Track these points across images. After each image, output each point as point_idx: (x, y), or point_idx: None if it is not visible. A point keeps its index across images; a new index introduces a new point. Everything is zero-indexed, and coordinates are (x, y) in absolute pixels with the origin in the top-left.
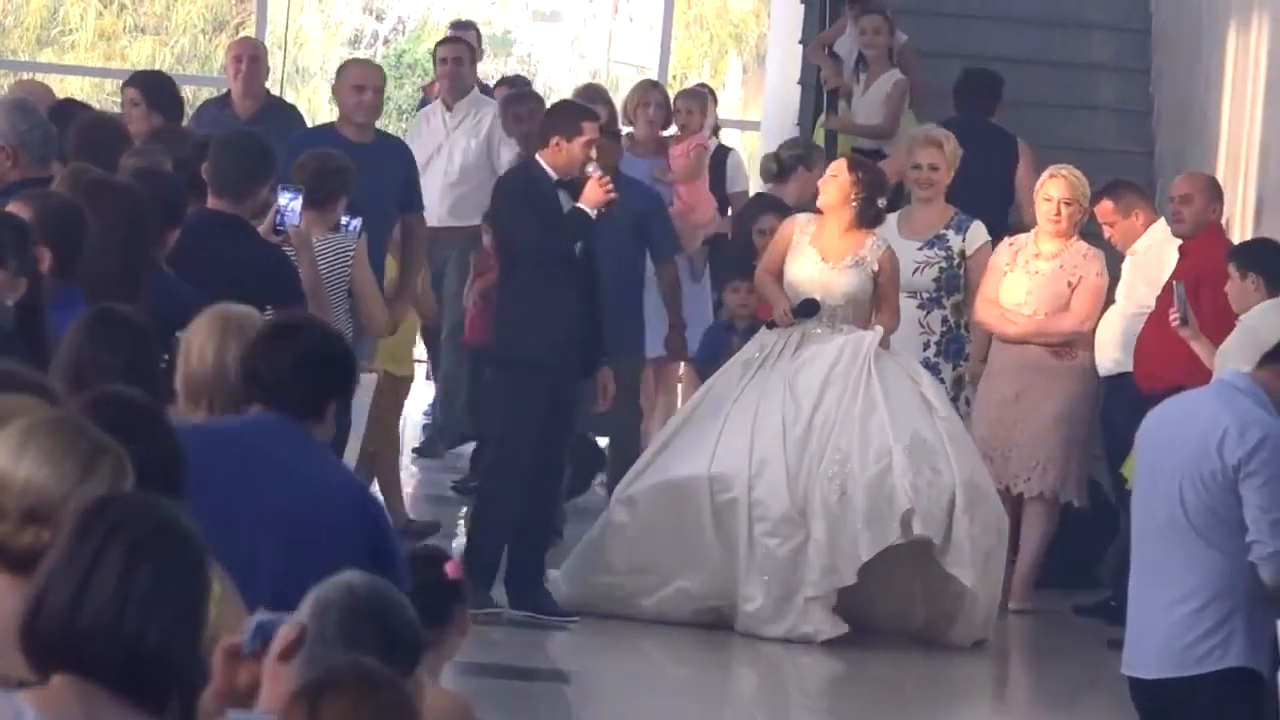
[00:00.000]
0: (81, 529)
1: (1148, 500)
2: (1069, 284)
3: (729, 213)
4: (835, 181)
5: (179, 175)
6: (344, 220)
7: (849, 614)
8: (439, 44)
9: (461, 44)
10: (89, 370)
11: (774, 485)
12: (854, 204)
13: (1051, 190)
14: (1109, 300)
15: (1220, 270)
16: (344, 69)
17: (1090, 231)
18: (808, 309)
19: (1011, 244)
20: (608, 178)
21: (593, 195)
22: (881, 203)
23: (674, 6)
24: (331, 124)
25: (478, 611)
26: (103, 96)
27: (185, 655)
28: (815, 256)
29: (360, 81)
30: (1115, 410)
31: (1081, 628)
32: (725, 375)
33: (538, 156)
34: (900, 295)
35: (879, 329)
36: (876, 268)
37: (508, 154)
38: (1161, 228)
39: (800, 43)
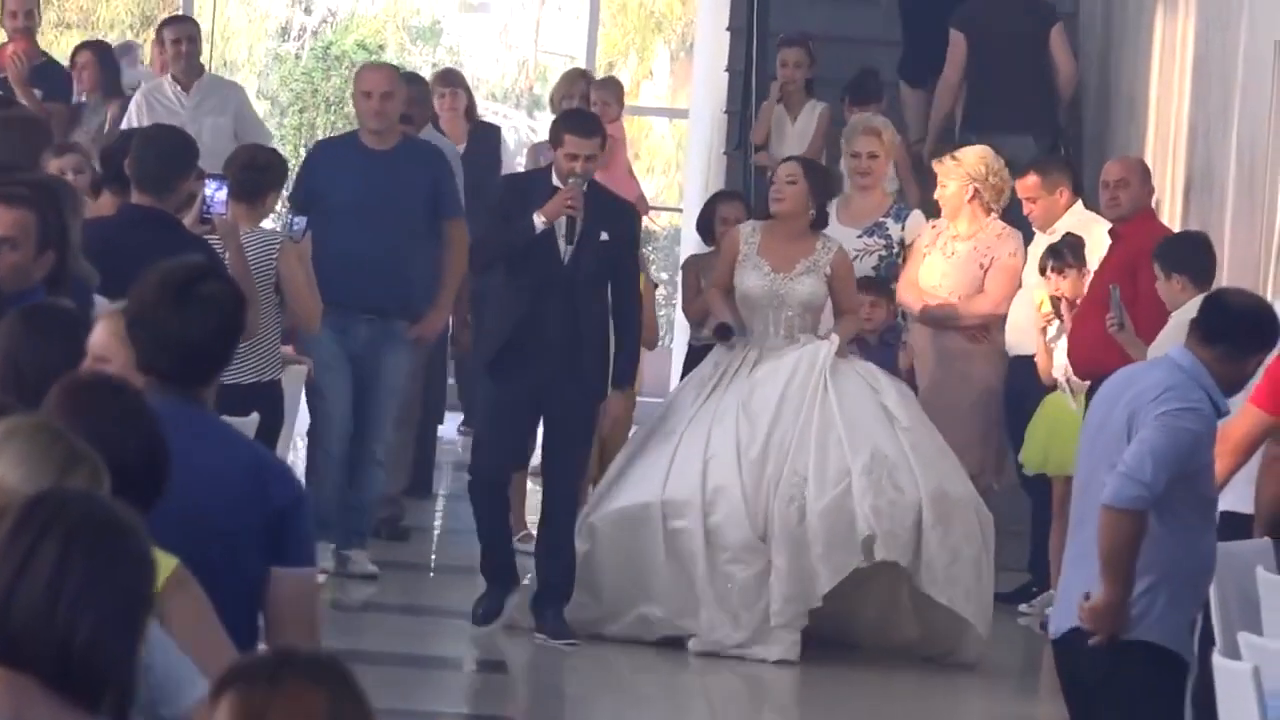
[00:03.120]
0: (19, 522)
1: (1090, 468)
2: (981, 265)
3: None
4: (796, 189)
5: (107, 167)
6: (291, 219)
7: (828, 631)
8: (164, 25)
9: (190, 22)
10: (28, 367)
11: (732, 512)
12: (811, 212)
13: None
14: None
15: None
16: (355, 75)
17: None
18: (724, 333)
19: (934, 227)
20: (574, 195)
21: (549, 206)
22: (826, 206)
23: None
24: (354, 131)
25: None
26: None
27: (119, 651)
28: (765, 266)
29: (367, 87)
30: (1019, 391)
31: (1011, 612)
32: (680, 396)
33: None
34: None
35: (835, 338)
36: (830, 271)
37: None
38: (1080, 209)
39: (727, 29)
